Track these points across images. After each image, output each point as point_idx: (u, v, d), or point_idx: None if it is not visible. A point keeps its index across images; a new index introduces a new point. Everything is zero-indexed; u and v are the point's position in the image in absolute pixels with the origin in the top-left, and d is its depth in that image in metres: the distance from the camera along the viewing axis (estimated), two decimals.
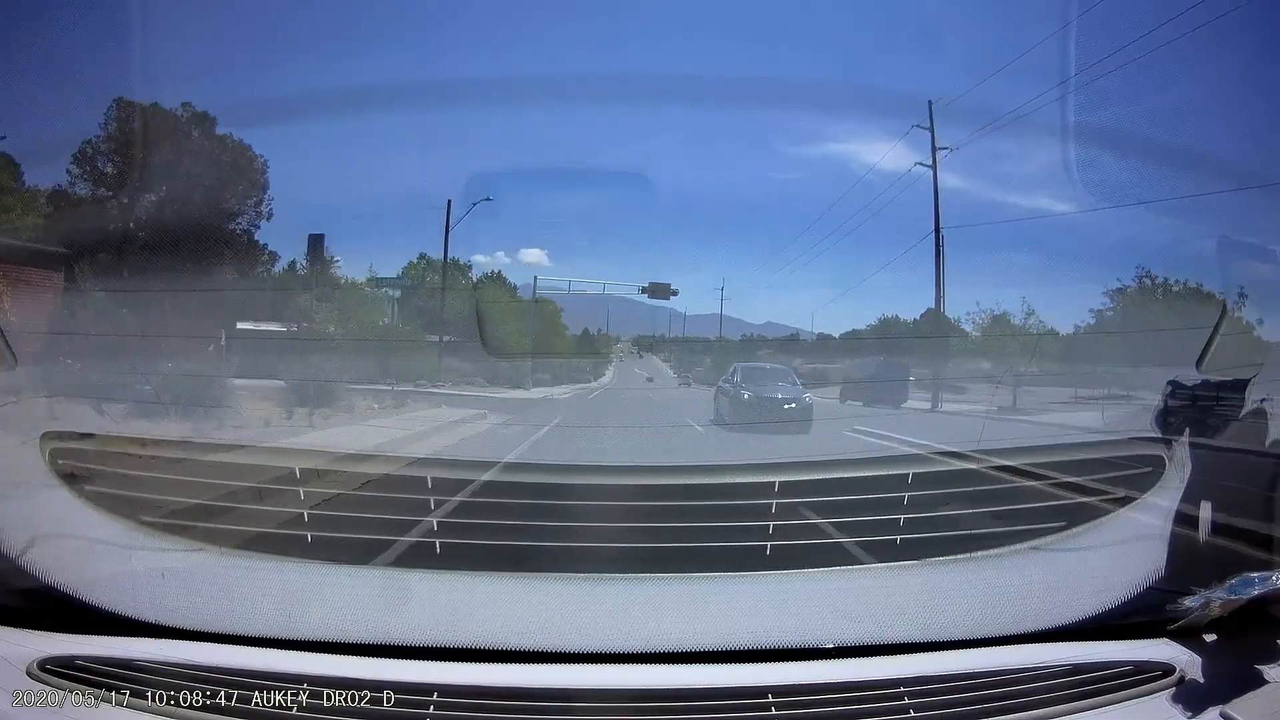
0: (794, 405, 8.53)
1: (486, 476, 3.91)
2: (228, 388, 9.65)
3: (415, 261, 13.07)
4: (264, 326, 12.30)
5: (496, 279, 13.05)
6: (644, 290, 12.34)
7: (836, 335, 14.72)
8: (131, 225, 12.15)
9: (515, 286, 12.98)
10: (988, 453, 4.94)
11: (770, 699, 1.73)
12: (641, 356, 15.13)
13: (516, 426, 9.70)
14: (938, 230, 11.49)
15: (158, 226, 11.60)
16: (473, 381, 12.28)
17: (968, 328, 13.03)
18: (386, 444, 7.69)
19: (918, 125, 10.69)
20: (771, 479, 3.39)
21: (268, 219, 13.00)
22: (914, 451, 6.43)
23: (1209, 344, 4.33)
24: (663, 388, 13.87)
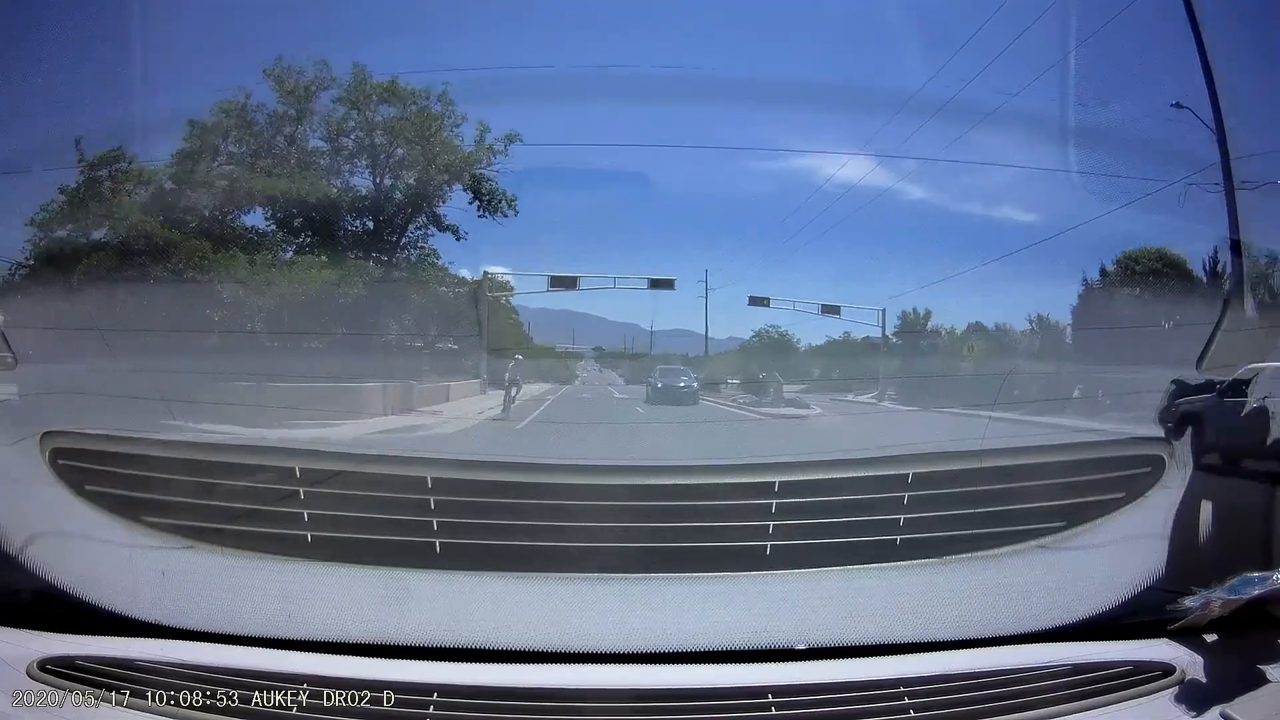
0: (686, 388, 15.23)
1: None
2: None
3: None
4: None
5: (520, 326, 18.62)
6: (599, 351, 19.81)
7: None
8: None
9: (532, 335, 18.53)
10: (989, 452, 4.93)
11: (770, 699, 1.73)
12: (601, 371, 20.90)
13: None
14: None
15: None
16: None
17: None
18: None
19: (702, 281, 16.12)
20: (772, 479, 3.39)
21: None
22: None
23: (1209, 342, 4.30)
24: (606, 387, 20.15)
